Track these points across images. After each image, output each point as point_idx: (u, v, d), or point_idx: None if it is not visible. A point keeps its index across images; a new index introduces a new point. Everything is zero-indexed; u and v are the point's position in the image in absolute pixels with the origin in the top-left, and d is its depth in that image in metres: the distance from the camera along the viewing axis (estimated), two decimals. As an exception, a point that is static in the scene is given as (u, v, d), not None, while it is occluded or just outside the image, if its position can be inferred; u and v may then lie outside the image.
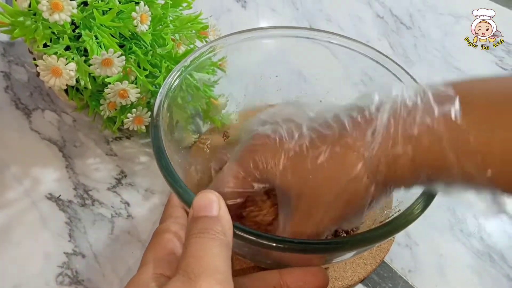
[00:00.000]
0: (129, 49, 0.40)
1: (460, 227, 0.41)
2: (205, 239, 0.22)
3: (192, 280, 0.20)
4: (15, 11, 0.35)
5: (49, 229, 0.39)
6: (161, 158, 0.28)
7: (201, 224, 0.23)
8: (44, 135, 0.46)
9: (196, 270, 0.21)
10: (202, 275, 0.21)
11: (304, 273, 0.26)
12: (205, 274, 0.21)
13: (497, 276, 0.38)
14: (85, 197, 0.41)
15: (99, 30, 0.37)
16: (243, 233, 0.24)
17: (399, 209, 0.28)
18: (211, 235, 0.22)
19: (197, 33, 0.42)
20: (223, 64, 0.40)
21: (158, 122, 0.30)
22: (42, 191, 0.41)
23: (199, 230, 0.23)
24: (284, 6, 0.65)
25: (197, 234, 0.22)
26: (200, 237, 0.22)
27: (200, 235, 0.22)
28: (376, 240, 0.26)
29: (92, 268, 0.37)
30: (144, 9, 0.37)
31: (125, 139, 0.46)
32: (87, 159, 0.44)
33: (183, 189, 0.26)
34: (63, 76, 0.36)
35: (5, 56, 0.53)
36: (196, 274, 0.21)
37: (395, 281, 0.37)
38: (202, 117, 0.43)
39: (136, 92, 0.38)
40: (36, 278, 0.36)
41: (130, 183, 0.43)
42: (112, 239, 0.38)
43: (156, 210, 0.41)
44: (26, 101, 0.49)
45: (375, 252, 0.37)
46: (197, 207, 0.23)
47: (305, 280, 0.26)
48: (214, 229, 0.23)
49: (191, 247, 0.22)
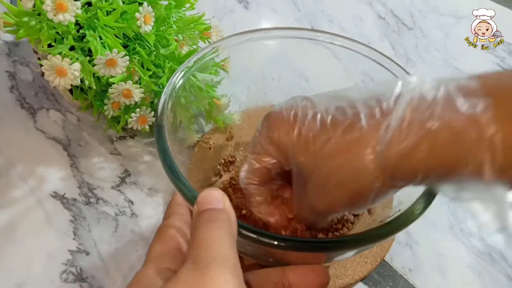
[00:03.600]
0: (133, 50, 0.40)
1: (460, 227, 0.41)
2: (213, 227, 0.22)
3: (202, 268, 0.20)
4: (19, 11, 0.36)
5: (54, 227, 0.39)
6: (165, 157, 0.29)
7: (207, 215, 0.23)
8: (49, 135, 0.46)
9: (205, 259, 0.20)
10: (212, 263, 0.20)
11: (306, 270, 0.27)
12: (216, 262, 0.20)
13: (497, 276, 0.38)
14: (89, 196, 0.42)
15: (103, 30, 0.38)
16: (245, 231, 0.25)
17: (399, 209, 0.28)
18: (219, 223, 0.22)
19: (200, 34, 0.43)
20: (226, 65, 0.40)
21: (162, 122, 0.31)
22: (47, 189, 0.42)
23: (207, 219, 0.22)
24: (286, 7, 0.65)
25: (205, 223, 0.22)
26: (208, 225, 0.22)
27: (208, 223, 0.22)
28: (376, 239, 0.26)
29: (96, 265, 0.37)
30: (148, 10, 0.37)
31: (129, 139, 0.47)
32: (92, 158, 0.45)
33: (187, 187, 0.27)
34: (68, 76, 0.36)
35: (10, 56, 0.54)
36: (206, 263, 0.20)
37: (396, 280, 0.37)
38: (205, 117, 0.43)
39: (140, 92, 0.39)
40: (40, 276, 0.36)
41: (134, 182, 0.43)
42: (116, 237, 0.39)
43: (159, 208, 0.41)
44: (31, 101, 0.49)
45: (376, 251, 0.38)
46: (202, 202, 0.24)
47: (307, 278, 0.26)
48: (222, 218, 0.23)
49: (199, 235, 0.22)
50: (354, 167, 0.23)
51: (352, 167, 0.23)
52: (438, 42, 0.60)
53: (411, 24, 0.63)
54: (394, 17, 0.64)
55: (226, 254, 0.21)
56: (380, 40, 0.61)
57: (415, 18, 0.64)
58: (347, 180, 0.23)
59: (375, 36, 0.61)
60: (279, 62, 0.41)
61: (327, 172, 0.24)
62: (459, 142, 0.20)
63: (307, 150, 0.25)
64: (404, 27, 0.63)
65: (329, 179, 0.24)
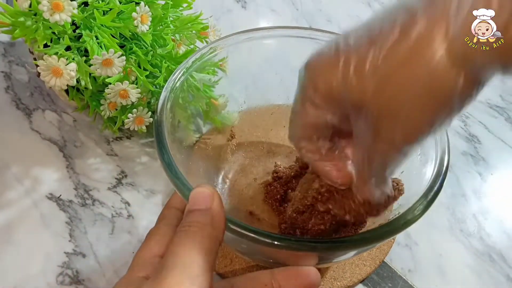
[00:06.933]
0: (130, 50, 0.40)
1: (459, 227, 0.41)
2: (188, 232, 0.22)
3: (162, 276, 0.20)
4: (15, 11, 0.35)
5: (50, 229, 0.39)
6: (163, 154, 0.28)
7: (190, 218, 0.23)
8: (44, 135, 0.46)
9: (168, 266, 0.20)
10: (172, 271, 0.20)
11: (296, 271, 0.26)
12: (176, 270, 0.20)
13: (496, 276, 0.38)
14: (85, 197, 0.41)
15: (99, 30, 0.38)
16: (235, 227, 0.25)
17: (398, 211, 0.28)
18: (196, 227, 0.22)
19: (197, 34, 0.43)
20: (224, 65, 0.40)
21: (161, 118, 0.31)
22: (42, 191, 0.41)
23: (187, 223, 0.22)
24: (284, 7, 0.65)
25: (184, 227, 0.22)
26: (185, 230, 0.22)
27: (186, 228, 0.22)
28: (374, 240, 0.26)
29: (93, 268, 0.37)
30: (145, 10, 0.37)
31: (125, 139, 0.46)
32: (88, 159, 0.44)
33: (184, 184, 0.27)
34: (64, 76, 0.36)
35: (5, 57, 0.53)
36: (168, 270, 0.20)
37: (395, 281, 0.37)
38: (203, 117, 0.43)
39: (137, 92, 0.38)
40: (36, 278, 0.36)
41: (131, 183, 0.43)
42: (112, 239, 0.39)
43: (156, 210, 0.41)
44: (27, 101, 0.49)
45: (375, 254, 0.37)
46: (190, 202, 0.24)
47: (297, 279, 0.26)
48: (202, 221, 0.22)
49: (174, 241, 0.22)
50: (426, 73, 0.18)
51: (424, 73, 0.18)
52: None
53: (409, 24, 0.63)
54: (392, 17, 0.64)
55: (192, 259, 0.21)
56: (379, 40, 0.61)
57: (413, 17, 0.64)
58: (423, 93, 0.19)
59: (373, 36, 0.61)
60: (277, 62, 0.41)
61: (397, 93, 0.19)
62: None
63: (363, 79, 0.20)
64: (403, 26, 0.62)
65: (402, 102, 0.19)
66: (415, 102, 0.19)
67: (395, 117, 0.20)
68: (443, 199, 0.43)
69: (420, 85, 0.18)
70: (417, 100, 0.19)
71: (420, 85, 0.18)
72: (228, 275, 0.36)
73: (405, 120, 0.20)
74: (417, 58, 0.18)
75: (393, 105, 0.20)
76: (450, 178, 0.45)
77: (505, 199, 0.44)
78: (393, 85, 0.19)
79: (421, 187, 0.28)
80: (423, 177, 0.29)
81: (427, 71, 0.18)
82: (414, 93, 0.19)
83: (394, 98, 0.19)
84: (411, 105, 0.19)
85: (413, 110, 0.19)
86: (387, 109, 0.20)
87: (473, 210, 0.42)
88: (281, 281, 0.26)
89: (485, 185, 0.45)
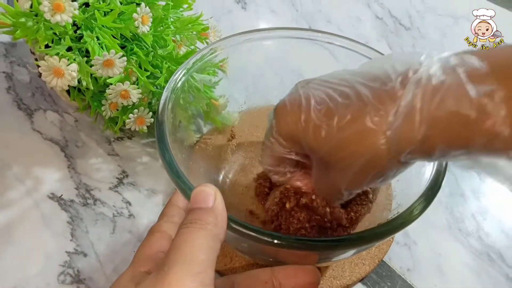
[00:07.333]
0: (131, 50, 0.40)
1: (458, 226, 0.41)
2: (192, 229, 0.22)
3: (163, 273, 0.20)
4: (16, 12, 0.36)
5: (51, 229, 0.39)
6: (165, 154, 0.29)
7: (192, 215, 0.23)
8: (46, 135, 0.46)
9: (170, 262, 0.20)
10: (174, 267, 0.20)
11: (296, 269, 0.27)
12: (178, 266, 0.20)
13: (495, 275, 0.38)
14: (87, 197, 0.41)
15: (100, 31, 0.38)
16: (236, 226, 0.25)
17: (397, 211, 0.28)
18: (199, 225, 0.22)
19: (197, 34, 0.43)
20: (224, 65, 0.40)
21: (163, 118, 0.31)
22: (44, 191, 0.42)
23: (189, 221, 0.22)
24: (284, 7, 0.65)
25: (186, 225, 0.22)
26: (187, 227, 0.22)
27: (189, 225, 0.22)
28: (373, 239, 0.26)
29: (94, 267, 0.37)
30: (145, 11, 0.37)
31: (126, 139, 0.46)
32: (89, 159, 0.44)
33: (185, 183, 0.27)
34: (65, 77, 0.36)
35: (7, 57, 0.54)
36: (169, 266, 0.20)
37: (394, 280, 0.37)
38: (204, 117, 0.43)
39: (138, 93, 0.39)
40: (37, 277, 0.36)
41: (132, 183, 0.43)
42: (113, 238, 0.39)
43: (157, 209, 0.41)
44: (28, 102, 0.49)
45: (374, 253, 0.38)
46: (192, 200, 0.24)
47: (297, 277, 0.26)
48: (204, 219, 0.22)
49: (177, 238, 0.22)
50: (368, 153, 0.23)
51: (366, 153, 0.23)
52: (436, 42, 0.60)
53: (408, 25, 0.63)
54: (392, 18, 0.64)
55: (194, 256, 0.21)
56: (378, 40, 0.61)
57: (413, 18, 0.64)
58: (364, 165, 0.24)
59: (372, 37, 0.61)
60: (277, 62, 0.41)
61: (345, 159, 0.24)
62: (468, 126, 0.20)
63: (318, 138, 0.25)
64: (402, 27, 0.63)
65: (349, 165, 0.24)
66: (358, 169, 0.24)
67: (342, 172, 0.25)
68: (442, 199, 0.43)
69: (362, 160, 0.23)
70: (359, 169, 0.24)
71: (363, 161, 0.23)
72: (228, 274, 0.36)
73: (350, 177, 0.25)
74: (363, 142, 0.23)
75: (341, 165, 0.25)
76: (449, 178, 0.45)
77: (504, 199, 0.44)
78: (343, 153, 0.24)
79: (420, 187, 0.28)
80: (422, 176, 0.29)
81: (370, 152, 0.23)
82: (358, 163, 0.24)
83: (342, 161, 0.24)
84: (355, 170, 0.24)
85: (356, 174, 0.24)
86: (337, 165, 0.25)
87: (471, 210, 0.43)
88: (281, 279, 0.26)
89: (483, 185, 0.45)
